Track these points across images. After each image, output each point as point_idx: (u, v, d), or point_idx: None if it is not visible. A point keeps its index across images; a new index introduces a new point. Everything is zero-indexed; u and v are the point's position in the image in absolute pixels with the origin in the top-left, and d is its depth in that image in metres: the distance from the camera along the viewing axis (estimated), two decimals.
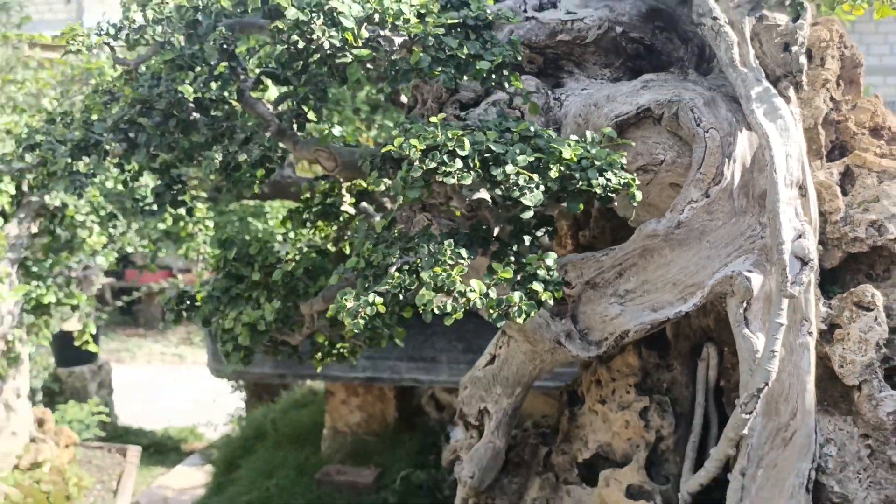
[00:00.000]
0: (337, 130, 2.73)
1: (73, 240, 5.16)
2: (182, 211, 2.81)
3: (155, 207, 2.73)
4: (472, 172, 2.14)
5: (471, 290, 2.10)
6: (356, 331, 2.10)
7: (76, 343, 5.54)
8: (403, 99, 3.29)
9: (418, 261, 2.17)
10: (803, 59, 2.57)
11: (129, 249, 5.48)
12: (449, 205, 2.38)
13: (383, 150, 2.22)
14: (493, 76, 2.41)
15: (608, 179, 2.34)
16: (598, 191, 2.32)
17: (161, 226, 5.41)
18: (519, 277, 2.28)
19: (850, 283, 2.84)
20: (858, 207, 2.78)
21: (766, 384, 2.49)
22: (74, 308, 5.59)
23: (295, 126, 2.76)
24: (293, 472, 7.20)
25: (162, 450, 10.60)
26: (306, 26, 2.09)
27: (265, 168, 2.66)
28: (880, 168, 2.79)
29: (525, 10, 2.87)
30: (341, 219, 3.29)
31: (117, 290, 15.25)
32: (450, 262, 2.14)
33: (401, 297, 2.15)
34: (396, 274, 2.16)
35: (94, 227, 4.96)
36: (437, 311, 2.08)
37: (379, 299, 2.12)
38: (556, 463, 3.27)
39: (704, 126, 2.58)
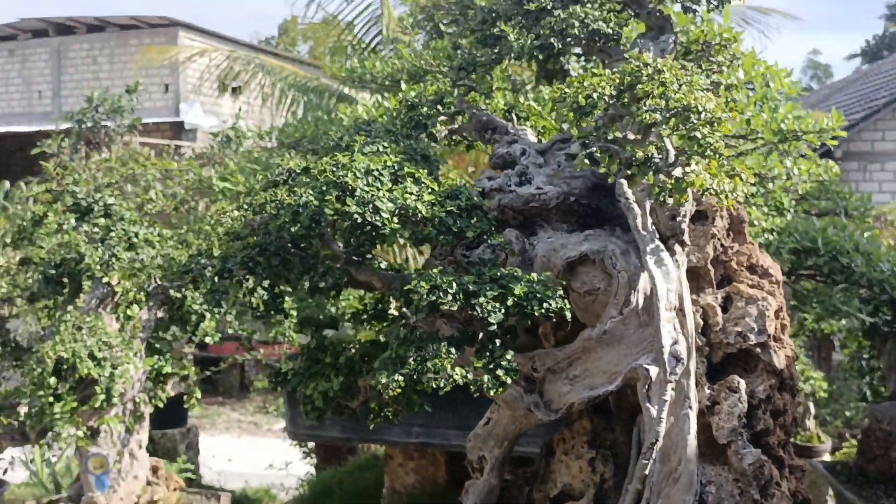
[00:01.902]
0: (384, 264, 4.31)
1: (189, 323, 6.83)
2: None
3: (263, 312, 4.33)
4: (457, 302, 3.68)
5: (456, 374, 3.62)
6: (387, 398, 3.63)
7: (185, 406, 7.18)
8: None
9: (427, 354, 3.70)
10: (684, 226, 4.05)
11: (230, 331, 7.12)
12: (451, 318, 3.91)
13: (405, 287, 3.79)
14: (480, 237, 3.96)
15: (549, 305, 3.84)
16: (543, 312, 3.82)
17: None
18: (491, 366, 3.79)
19: (730, 373, 4.24)
20: (732, 322, 4.20)
21: (657, 440, 3.90)
22: (184, 378, 7.25)
23: (356, 259, 4.35)
24: None
25: None
26: (360, 213, 3.69)
27: (337, 290, 4.25)
28: (748, 295, 4.22)
29: (510, 185, 4.44)
30: (389, 318, 4.85)
31: (199, 359, 17.14)
32: (444, 356, 3.67)
33: (415, 377, 3.67)
34: (412, 362, 3.69)
35: (207, 315, 6.63)
36: (434, 387, 3.60)
37: (401, 378, 3.65)
38: (536, 499, 4.69)
39: (619, 269, 4.07)
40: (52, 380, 6.00)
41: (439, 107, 4.80)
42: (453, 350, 3.71)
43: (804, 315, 9.03)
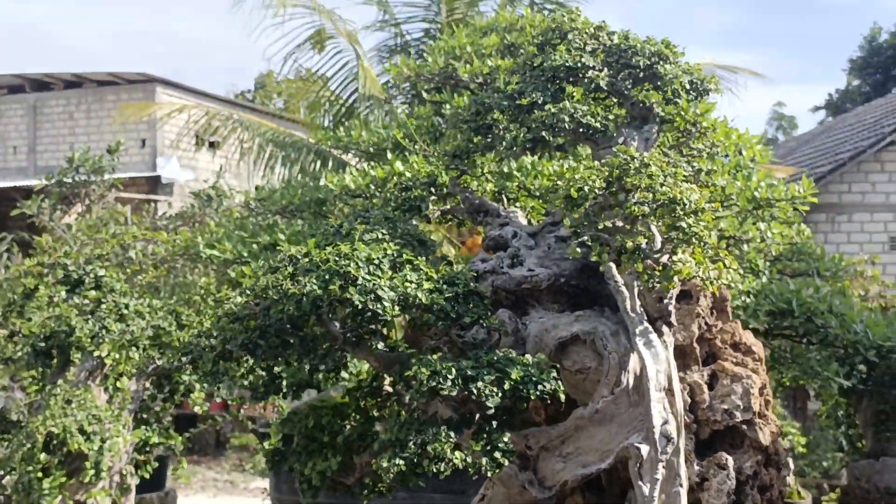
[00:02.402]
0: (381, 346, 4.44)
1: (178, 393, 6.88)
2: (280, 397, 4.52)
3: (262, 392, 4.43)
4: (456, 387, 3.81)
5: (456, 458, 3.74)
6: (388, 480, 3.74)
7: (175, 471, 7.18)
8: None
9: (427, 438, 3.82)
10: (671, 308, 4.24)
11: (217, 399, 7.16)
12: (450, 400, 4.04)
13: (405, 373, 3.92)
14: (476, 320, 4.12)
15: (544, 387, 3.99)
16: (538, 394, 3.96)
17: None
18: (488, 448, 3.91)
19: (719, 448, 4.40)
20: (718, 399, 4.37)
21: None
22: (170, 448, 7.27)
23: (353, 339, 4.47)
24: None
25: None
26: (362, 301, 3.83)
27: (336, 371, 4.37)
28: (733, 373, 4.40)
29: (502, 267, 4.61)
30: (383, 395, 4.97)
31: (175, 417, 16.95)
32: (444, 440, 3.79)
33: (415, 461, 3.79)
34: (412, 446, 3.81)
35: (197, 386, 6.69)
36: (435, 471, 3.72)
37: (402, 462, 3.76)
38: None
39: (609, 350, 4.24)
40: (42, 455, 6.02)
41: (432, 188, 4.97)
42: (452, 434, 3.83)
43: (781, 374, 9.25)
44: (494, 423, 4.02)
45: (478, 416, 4.01)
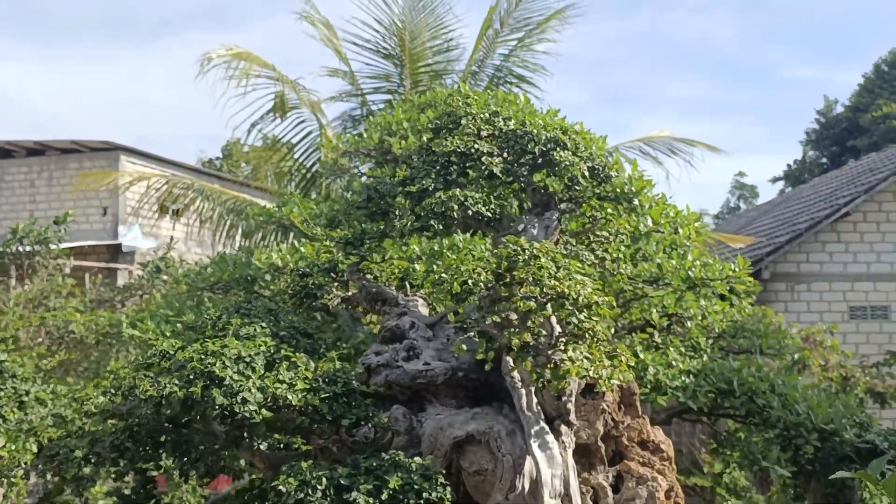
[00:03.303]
0: (264, 446, 4.10)
1: (83, 487, 6.44)
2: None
3: (134, 501, 4.06)
4: (328, 499, 3.47)
5: None
6: None
7: None
8: None
9: None
10: (570, 406, 3.94)
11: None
12: None
13: (273, 483, 3.58)
14: (358, 423, 3.79)
15: (429, 496, 3.65)
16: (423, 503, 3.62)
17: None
18: None
19: None
20: (623, 503, 4.05)
21: None
22: None
23: (236, 437, 4.13)
24: None
25: None
26: (228, 407, 3.51)
27: (211, 476, 4.01)
28: (638, 474, 4.08)
29: (397, 361, 4.30)
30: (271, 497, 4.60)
31: None
32: None
33: None
34: None
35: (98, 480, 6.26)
36: None
37: None
38: None
39: (503, 452, 3.92)
40: None
41: (332, 274, 4.70)
42: None
43: (727, 458, 8.92)
44: None
45: None
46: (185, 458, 3.96)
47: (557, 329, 3.80)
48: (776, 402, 7.59)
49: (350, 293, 4.78)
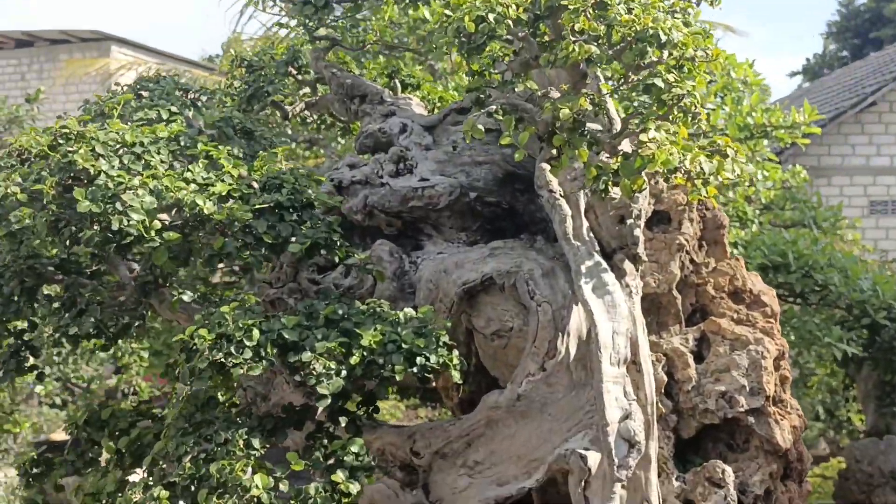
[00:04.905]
0: (187, 297, 2.71)
1: None
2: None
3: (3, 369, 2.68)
4: (263, 361, 2.08)
5: (256, 485, 2.01)
6: None
7: None
8: None
9: (213, 451, 2.10)
10: (638, 232, 2.51)
11: None
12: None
13: (174, 338, 2.19)
14: (313, 251, 2.37)
15: (427, 360, 2.26)
16: (416, 371, 2.24)
17: None
18: (329, 464, 2.19)
19: (712, 452, 2.70)
20: (711, 377, 2.66)
21: None
22: None
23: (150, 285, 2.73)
24: None
25: None
26: (103, 217, 2.09)
27: (107, 333, 2.63)
28: (733, 335, 2.69)
29: (381, 177, 2.87)
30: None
31: None
32: (239, 453, 2.06)
33: (192, 487, 2.06)
34: (188, 464, 2.08)
35: None
36: None
37: (165, 493, 2.04)
38: None
39: (538, 299, 2.51)
40: None
41: (291, 69, 3.23)
42: (256, 442, 2.10)
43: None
44: (345, 423, 2.31)
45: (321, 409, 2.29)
46: (67, 314, 2.57)
47: (616, 116, 2.35)
48: (837, 277, 6.23)
49: (317, 97, 3.30)
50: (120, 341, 3.42)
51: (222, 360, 2.04)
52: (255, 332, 2.07)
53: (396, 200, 2.82)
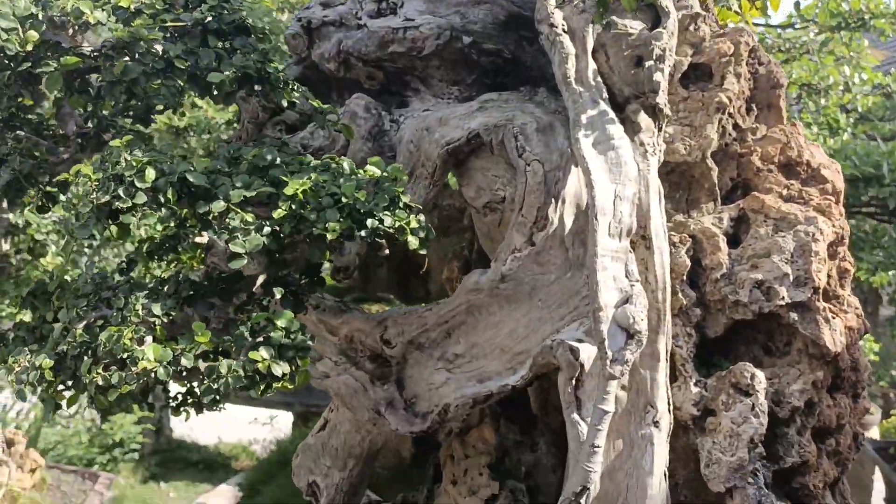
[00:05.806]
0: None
1: None
2: None
3: None
4: (163, 209, 1.68)
5: (147, 358, 1.64)
6: (22, 400, 1.68)
7: None
8: None
9: (109, 318, 1.73)
10: (659, 77, 1.97)
11: None
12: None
13: (58, 178, 1.81)
14: (247, 90, 1.94)
15: (381, 221, 1.82)
16: (363, 237, 1.80)
17: None
18: (252, 342, 1.80)
19: (744, 355, 2.19)
20: (746, 263, 2.13)
21: (586, 487, 1.89)
22: None
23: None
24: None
25: (212, 466, 10.35)
26: None
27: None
28: (779, 214, 2.13)
29: (359, 17, 2.39)
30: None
31: None
32: (135, 319, 1.69)
33: (86, 357, 1.71)
34: (80, 331, 1.72)
35: None
36: (102, 384, 1.63)
37: (49, 362, 1.69)
38: None
39: (527, 157, 2.02)
40: None
41: None
42: (156, 308, 1.72)
43: (857, 263, 6.85)
44: (277, 292, 1.90)
45: (260, 277, 1.90)
46: None
47: None
48: None
49: None
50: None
51: (109, 203, 1.65)
52: (150, 172, 1.67)
53: (374, 44, 2.34)
